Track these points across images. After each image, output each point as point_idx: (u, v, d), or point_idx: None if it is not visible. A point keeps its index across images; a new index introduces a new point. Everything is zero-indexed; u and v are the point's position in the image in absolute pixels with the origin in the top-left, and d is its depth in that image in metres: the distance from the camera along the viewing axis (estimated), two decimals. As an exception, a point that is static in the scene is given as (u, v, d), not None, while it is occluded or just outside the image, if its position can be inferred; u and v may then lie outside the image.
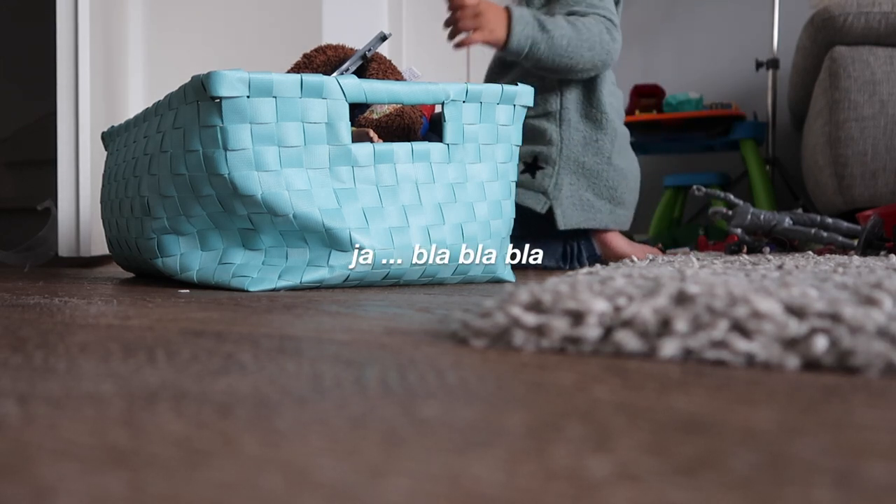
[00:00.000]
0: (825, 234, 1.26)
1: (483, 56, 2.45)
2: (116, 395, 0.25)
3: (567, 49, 1.15)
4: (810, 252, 1.10)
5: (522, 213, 1.19)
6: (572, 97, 1.23)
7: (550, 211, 1.20)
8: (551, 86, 1.23)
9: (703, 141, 2.35)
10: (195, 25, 1.59)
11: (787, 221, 1.33)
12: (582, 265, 1.22)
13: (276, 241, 0.75)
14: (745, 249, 1.39)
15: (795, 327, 0.31)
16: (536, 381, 0.28)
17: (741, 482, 0.16)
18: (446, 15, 1.16)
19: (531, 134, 1.24)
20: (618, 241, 1.27)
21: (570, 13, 1.20)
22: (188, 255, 0.79)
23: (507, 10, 1.15)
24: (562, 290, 0.37)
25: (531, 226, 1.22)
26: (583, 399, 0.25)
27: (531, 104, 0.85)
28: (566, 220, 1.20)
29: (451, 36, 1.15)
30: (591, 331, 0.34)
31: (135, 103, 1.60)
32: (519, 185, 1.21)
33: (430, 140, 0.83)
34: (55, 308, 0.56)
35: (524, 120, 1.20)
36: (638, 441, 0.20)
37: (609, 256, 1.27)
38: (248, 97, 0.71)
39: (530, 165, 1.22)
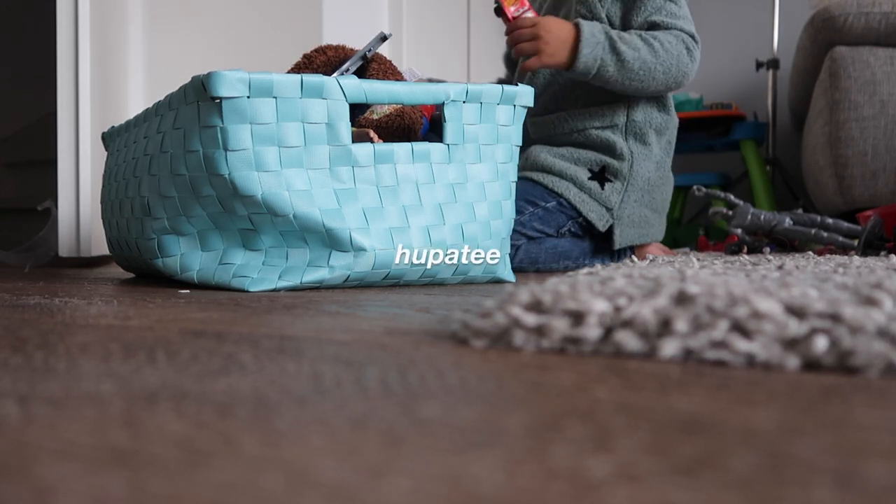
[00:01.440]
0: (825, 234, 1.26)
1: (484, 56, 2.45)
2: (117, 396, 0.25)
3: (639, 72, 1.07)
4: (810, 252, 1.10)
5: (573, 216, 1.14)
6: (640, 108, 1.15)
7: (610, 229, 1.14)
8: (617, 97, 1.15)
9: (703, 141, 2.35)
10: (195, 25, 1.59)
11: (788, 222, 1.33)
12: None
13: (276, 241, 0.75)
14: (745, 250, 1.39)
15: (795, 327, 0.31)
16: (537, 381, 0.28)
17: (741, 482, 0.16)
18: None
19: (598, 144, 1.15)
20: (654, 249, 1.24)
21: (652, 25, 1.11)
22: (188, 256, 0.79)
23: (576, 28, 1.05)
24: (562, 291, 0.37)
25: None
26: (583, 399, 0.25)
27: (531, 104, 0.85)
28: (623, 239, 1.15)
29: (516, 55, 1.09)
30: (592, 331, 0.34)
31: (135, 103, 1.60)
32: (586, 192, 1.13)
33: (430, 140, 0.83)
34: (55, 308, 0.56)
35: (589, 131, 1.15)
36: (638, 441, 0.20)
37: None
38: (248, 97, 0.71)
39: (597, 175, 1.14)
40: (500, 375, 0.29)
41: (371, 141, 0.86)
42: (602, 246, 1.17)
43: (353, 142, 0.77)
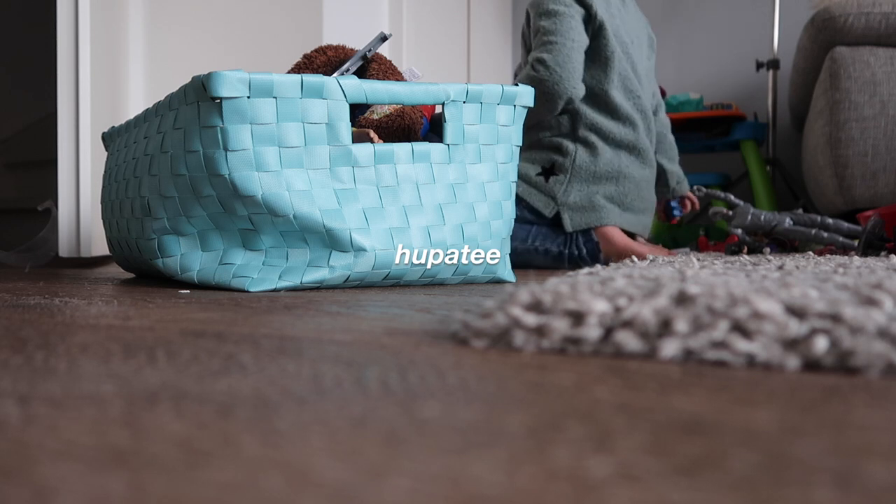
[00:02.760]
0: (825, 234, 1.26)
1: (482, 56, 2.45)
2: (117, 396, 0.25)
3: None
4: (811, 252, 1.10)
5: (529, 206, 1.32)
6: (580, 117, 1.32)
7: (558, 215, 1.31)
8: (562, 113, 1.34)
9: (703, 141, 2.35)
10: (196, 26, 1.59)
11: (788, 222, 1.33)
12: (580, 252, 1.31)
13: (276, 241, 0.75)
14: (745, 250, 1.39)
15: (796, 328, 0.31)
16: (537, 381, 0.28)
17: (741, 482, 0.16)
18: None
19: (550, 146, 1.34)
20: (617, 235, 1.32)
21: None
22: (188, 256, 0.79)
23: None
24: (562, 291, 0.37)
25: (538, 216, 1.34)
26: (583, 399, 0.25)
27: (531, 104, 0.85)
28: (573, 223, 1.30)
29: None
30: (592, 331, 0.34)
31: (135, 104, 1.60)
32: (532, 185, 1.32)
33: (430, 140, 0.83)
34: (56, 309, 0.56)
35: (545, 137, 1.35)
36: (638, 441, 0.20)
37: (609, 251, 1.31)
38: (248, 98, 0.71)
39: (547, 171, 1.33)
40: (500, 376, 0.29)
41: (371, 141, 0.86)
42: (559, 230, 1.33)
43: (354, 142, 0.77)
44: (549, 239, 1.31)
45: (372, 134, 0.88)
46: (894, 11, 1.64)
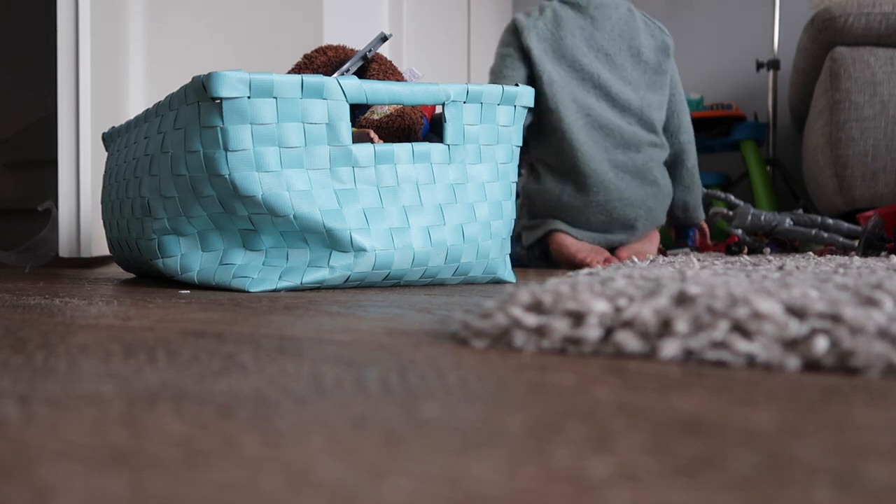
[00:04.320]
0: (826, 234, 1.26)
1: (482, 56, 2.45)
2: (117, 396, 0.25)
3: None
4: (811, 253, 1.10)
5: None
6: (525, 145, 1.40)
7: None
8: (527, 149, 1.43)
9: (703, 142, 2.35)
10: (196, 26, 1.59)
11: (788, 222, 1.33)
12: (531, 252, 1.40)
13: (276, 241, 0.75)
14: (745, 250, 1.39)
15: (796, 328, 0.31)
16: (537, 381, 0.28)
17: (741, 483, 0.16)
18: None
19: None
20: (565, 240, 1.34)
21: None
22: (189, 256, 0.79)
23: None
24: (562, 291, 0.37)
25: None
26: (583, 399, 0.25)
27: (532, 105, 0.86)
28: (527, 239, 1.38)
29: None
30: (592, 331, 0.34)
31: (135, 103, 1.60)
32: None
33: (430, 141, 0.83)
34: (56, 309, 0.56)
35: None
36: (638, 441, 0.20)
37: (557, 255, 1.34)
38: (248, 98, 0.71)
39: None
40: (500, 376, 0.29)
41: (371, 141, 0.86)
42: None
43: (354, 142, 0.77)
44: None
45: (372, 134, 0.88)
46: (894, 12, 1.64)
